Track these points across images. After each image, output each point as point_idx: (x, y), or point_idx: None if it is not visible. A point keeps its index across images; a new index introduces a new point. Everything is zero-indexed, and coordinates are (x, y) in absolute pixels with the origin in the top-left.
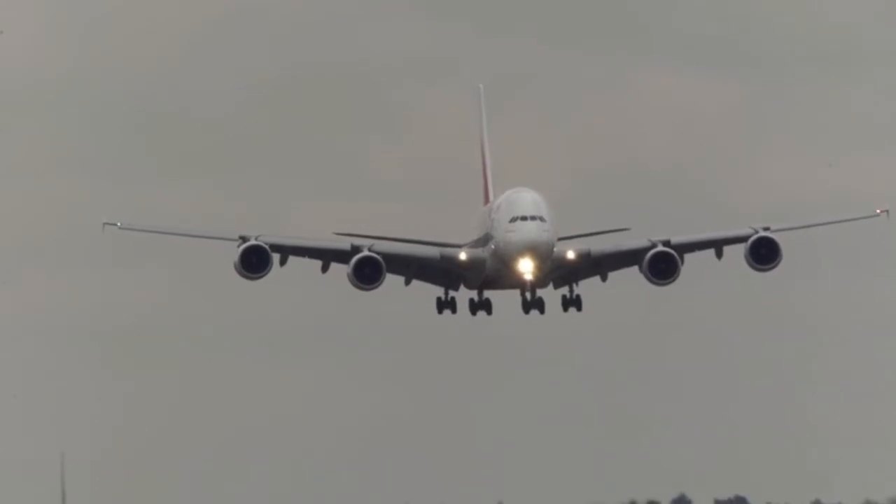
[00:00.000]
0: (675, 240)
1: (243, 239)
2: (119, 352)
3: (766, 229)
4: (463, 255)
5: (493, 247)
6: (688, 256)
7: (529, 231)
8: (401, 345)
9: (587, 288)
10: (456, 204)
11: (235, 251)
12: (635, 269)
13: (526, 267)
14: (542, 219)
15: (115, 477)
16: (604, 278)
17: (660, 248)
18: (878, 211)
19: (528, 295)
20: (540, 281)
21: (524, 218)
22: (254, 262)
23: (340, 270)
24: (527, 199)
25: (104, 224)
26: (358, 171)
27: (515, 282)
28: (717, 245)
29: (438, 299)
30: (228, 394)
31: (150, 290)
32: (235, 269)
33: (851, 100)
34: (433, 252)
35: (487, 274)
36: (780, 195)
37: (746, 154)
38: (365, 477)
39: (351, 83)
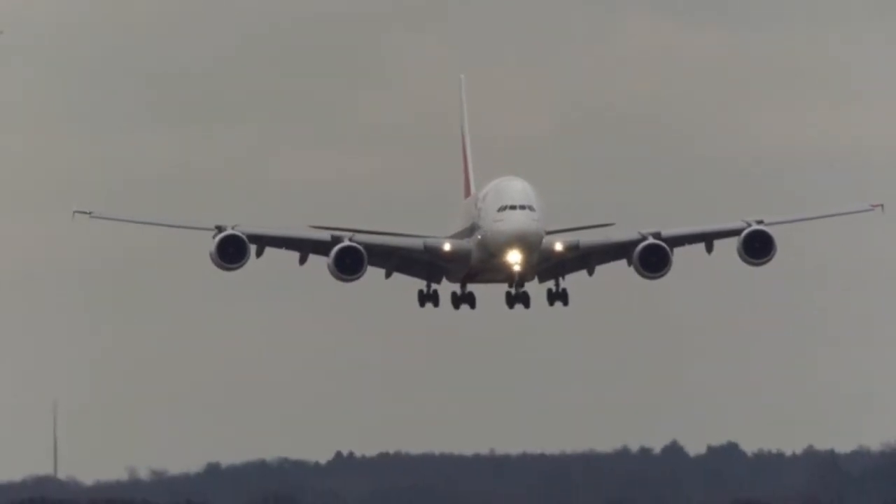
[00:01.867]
0: (665, 232)
1: (219, 229)
2: (105, 300)
3: (760, 222)
4: (447, 246)
5: (479, 237)
6: (677, 249)
7: (519, 220)
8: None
9: (573, 282)
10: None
11: (211, 241)
12: (623, 262)
13: (514, 258)
14: (531, 208)
15: (105, 424)
16: (590, 272)
17: (650, 240)
18: (871, 206)
19: (512, 289)
20: (526, 274)
21: (513, 207)
22: (231, 252)
23: (319, 263)
24: (516, 188)
25: (75, 212)
26: (342, 122)
27: (501, 274)
28: (709, 238)
29: (420, 292)
30: (214, 347)
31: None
32: (212, 259)
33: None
34: (416, 243)
35: (472, 266)
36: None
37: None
38: (356, 428)
39: (334, 33)
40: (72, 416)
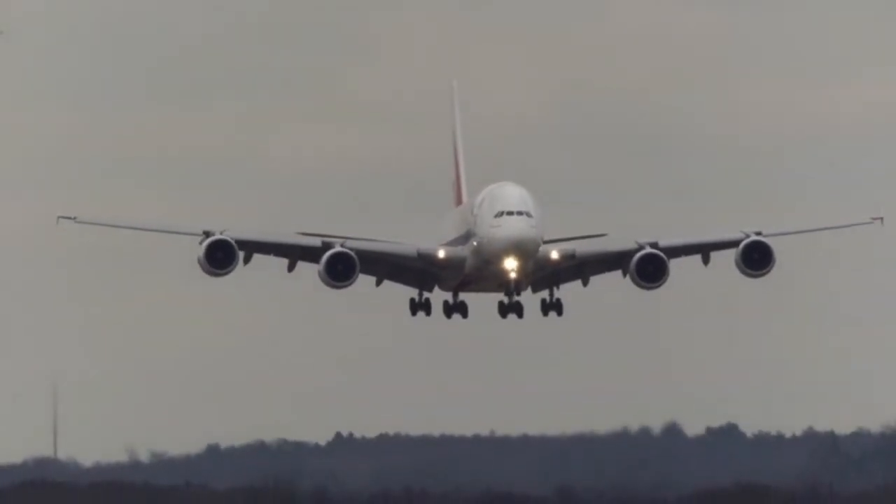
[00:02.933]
0: (662, 242)
1: (207, 234)
2: (105, 282)
3: (758, 234)
4: (442, 253)
5: (475, 244)
6: (673, 261)
7: (516, 227)
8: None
9: (567, 292)
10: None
11: (199, 247)
12: (618, 272)
13: (510, 265)
14: (528, 214)
15: (104, 406)
16: (585, 282)
17: (647, 250)
18: (871, 218)
19: (506, 299)
20: (521, 282)
21: (510, 213)
22: (219, 257)
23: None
24: (513, 194)
25: (59, 218)
26: (332, 98)
27: (495, 282)
28: (707, 249)
29: (412, 300)
30: (214, 328)
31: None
32: (200, 265)
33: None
34: (409, 249)
35: (467, 273)
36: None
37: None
38: (356, 409)
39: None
40: (72, 397)
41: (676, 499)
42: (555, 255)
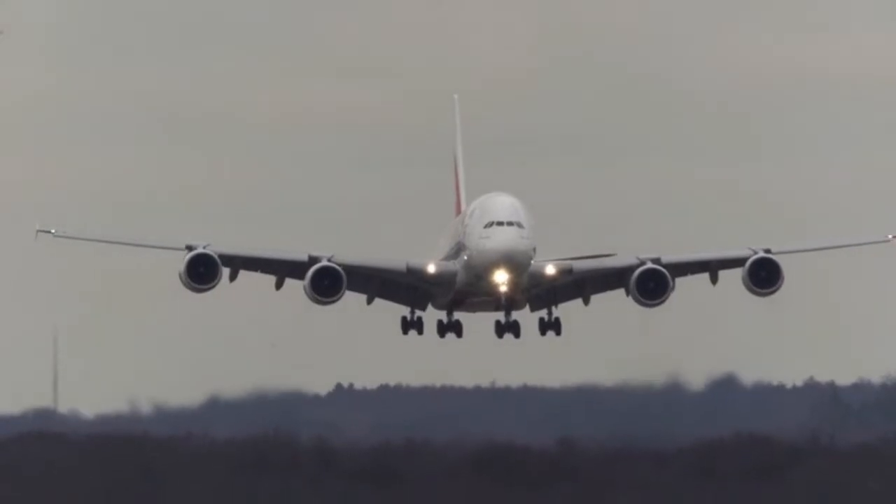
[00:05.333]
0: (665, 258)
1: (189, 248)
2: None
3: (767, 251)
4: (432, 267)
5: (465, 257)
6: (679, 280)
7: (506, 237)
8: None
9: (567, 311)
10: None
11: (181, 260)
12: (621, 290)
13: (501, 278)
14: (519, 224)
15: (105, 357)
16: (586, 301)
17: (648, 265)
18: (889, 237)
19: (503, 317)
20: (515, 298)
21: (500, 223)
22: (201, 272)
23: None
24: (504, 203)
25: (37, 231)
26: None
27: (488, 298)
28: (713, 266)
29: (404, 318)
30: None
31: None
32: (181, 279)
33: None
34: (399, 264)
35: (458, 289)
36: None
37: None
38: (356, 360)
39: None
40: (72, 348)
41: (677, 450)
42: (551, 269)
